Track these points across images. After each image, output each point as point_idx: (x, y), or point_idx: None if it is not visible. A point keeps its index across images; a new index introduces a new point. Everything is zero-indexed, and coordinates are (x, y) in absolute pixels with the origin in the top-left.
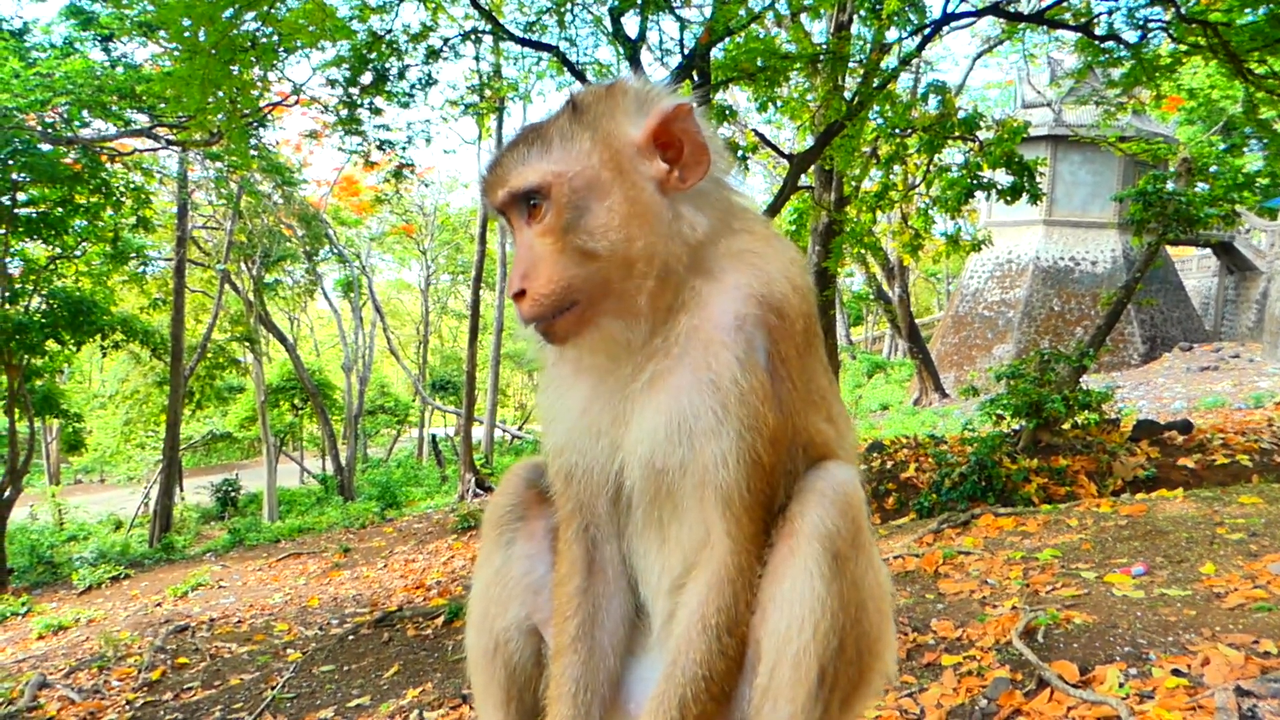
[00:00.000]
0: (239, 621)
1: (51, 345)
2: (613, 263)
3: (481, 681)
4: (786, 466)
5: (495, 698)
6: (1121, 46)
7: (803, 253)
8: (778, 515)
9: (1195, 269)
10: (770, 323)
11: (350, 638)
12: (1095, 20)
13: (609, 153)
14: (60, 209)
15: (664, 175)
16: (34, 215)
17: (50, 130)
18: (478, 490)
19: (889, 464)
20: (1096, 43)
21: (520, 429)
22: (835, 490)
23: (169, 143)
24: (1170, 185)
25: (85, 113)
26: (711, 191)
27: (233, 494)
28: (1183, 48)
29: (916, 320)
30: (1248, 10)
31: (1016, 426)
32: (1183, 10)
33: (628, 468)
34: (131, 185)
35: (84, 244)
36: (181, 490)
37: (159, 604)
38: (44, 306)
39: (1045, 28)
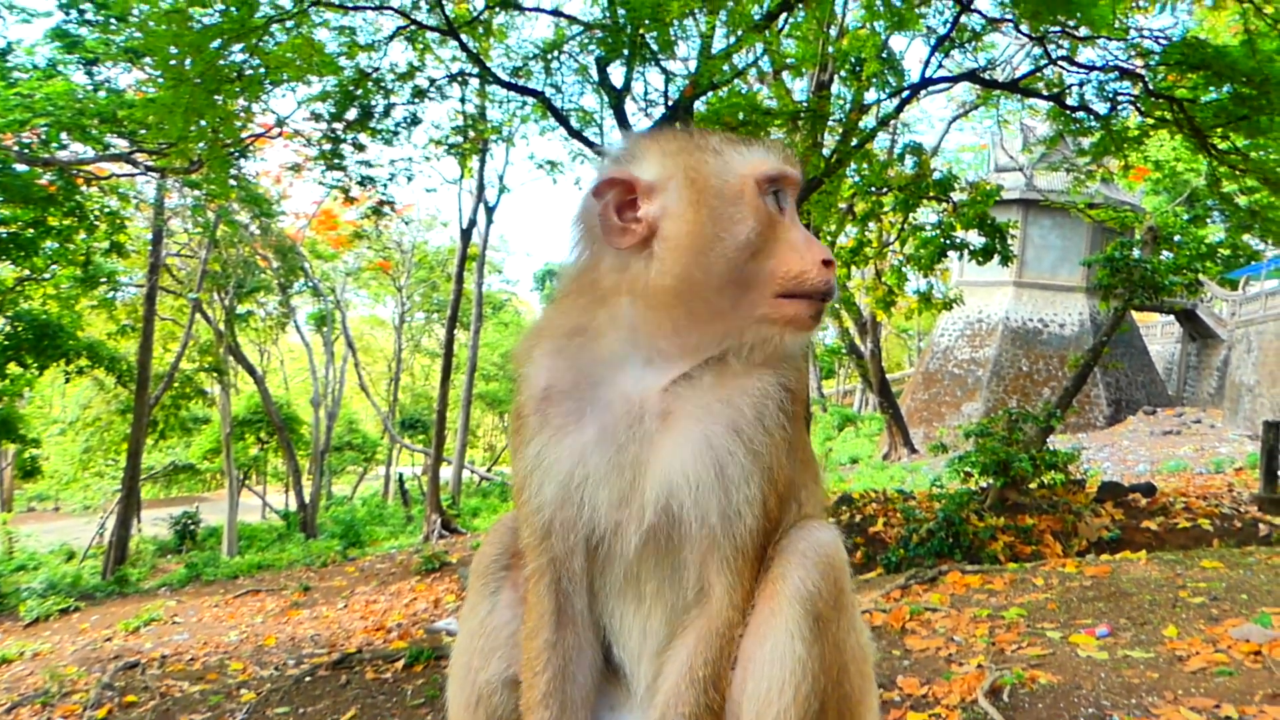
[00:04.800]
0: (192, 659)
1: (13, 368)
2: None
3: None
4: (779, 523)
5: None
6: (1091, 117)
7: None
8: (760, 574)
9: (1159, 335)
10: (789, 381)
11: (307, 679)
12: (1067, 91)
13: None
14: (32, 230)
15: None
16: (4, 236)
17: (27, 151)
18: (443, 531)
19: (858, 518)
20: (1068, 112)
21: (489, 470)
22: (817, 551)
23: (148, 169)
24: (1136, 252)
25: (64, 135)
26: None
27: (192, 527)
28: (1150, 121)
29: (887, 375)
30: (1212, 88)
31: (984, 484)
32: (1150, 86)
33: (633, 515)
34: (107, 210)
35: (54, 266)
36: (139, 522)
37: (109, 639)
38: (8, 328)
39: (1019, 96)
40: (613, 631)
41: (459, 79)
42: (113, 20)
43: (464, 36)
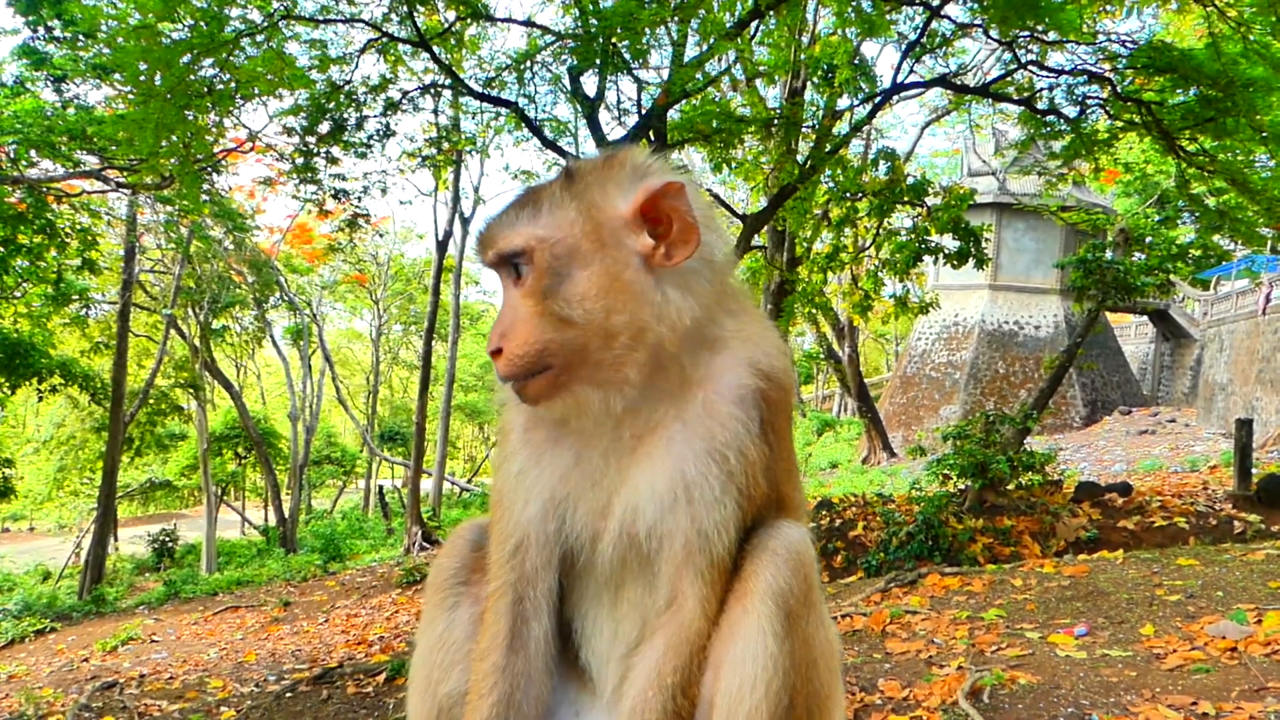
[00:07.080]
0: (171, 678)
1: None
2: (589, 331)
3: None
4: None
5: None
6: (1062, 121)
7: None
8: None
9: (1133, 335)
10: (771, 397)
11: (288, 695)
12: (1037, 95)
13: (591, 224)
14: (2, 248)
15: (649, 251)
16: None
17: None
18: (424, 544)
19: (838, 522)
20: (1038, 116)
21: (469, 482)
22: (788, 549)
23: (119, 185)
24: (1109, 254)
25: (33, 152)
26: (703, 271)
27: (170, 544)
28: (1119, 124)
29: (865, 380)
30: (1179, 91)
31: (963, 486)
32: (1118, 89)
33: (607, 532)
34: (78, 227)
35: (25, 284)
36: (116, 540)
37: (86, 659)
38: None
39: (990, 100)
40: (583, 633)
41: (432, 91)
42: (80, 37)
43: (436, 48)
